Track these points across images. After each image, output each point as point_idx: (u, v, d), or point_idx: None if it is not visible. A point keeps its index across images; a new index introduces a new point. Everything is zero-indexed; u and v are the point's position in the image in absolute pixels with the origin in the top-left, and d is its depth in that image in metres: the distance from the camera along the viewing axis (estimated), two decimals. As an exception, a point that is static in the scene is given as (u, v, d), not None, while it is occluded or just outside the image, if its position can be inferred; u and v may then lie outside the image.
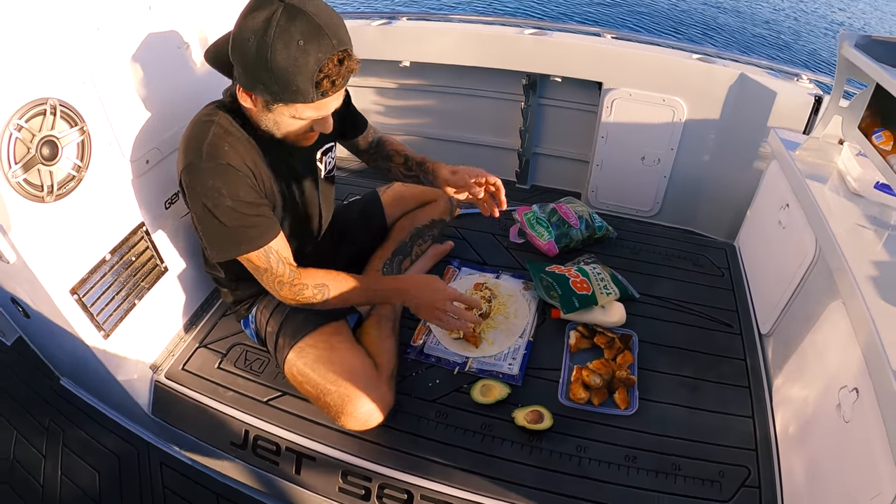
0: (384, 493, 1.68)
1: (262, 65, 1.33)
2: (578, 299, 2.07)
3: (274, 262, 1.61)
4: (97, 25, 1.53)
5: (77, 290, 1.61)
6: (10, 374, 2.35)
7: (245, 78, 1.41)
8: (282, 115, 1.48)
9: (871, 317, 1.42)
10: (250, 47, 1.32)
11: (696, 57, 2.75)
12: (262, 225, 1.58)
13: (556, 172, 3.32)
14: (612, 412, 1.82)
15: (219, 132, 1.53)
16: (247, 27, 1.32)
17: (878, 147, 1.79)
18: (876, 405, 1.30)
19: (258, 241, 1.57)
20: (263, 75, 1.35)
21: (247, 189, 1.54)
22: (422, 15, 3.20)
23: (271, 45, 1.30)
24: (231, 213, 1.51)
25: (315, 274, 1.68)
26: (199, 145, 1.50)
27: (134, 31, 1.66)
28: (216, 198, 1.49)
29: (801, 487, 1.58)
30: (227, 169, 1.51)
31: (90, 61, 1.53)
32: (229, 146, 1.53)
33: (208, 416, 1.86)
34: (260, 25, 1.30)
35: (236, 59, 1.39)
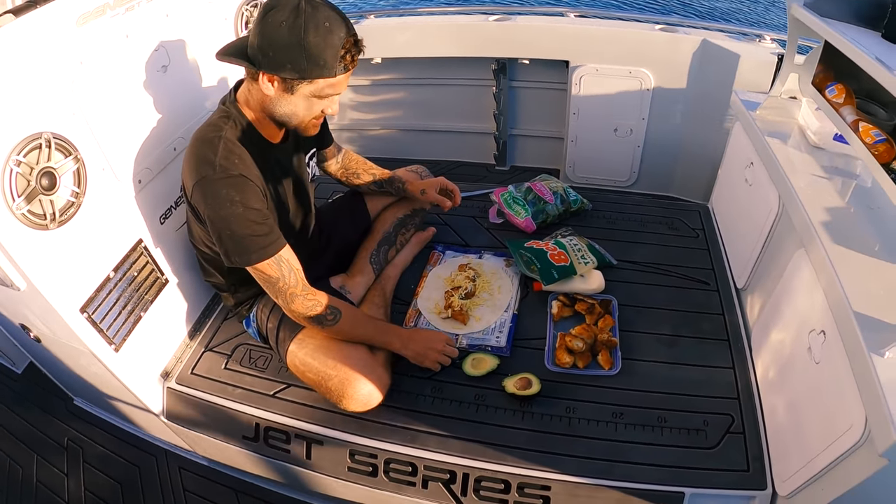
0: (390, 467, 1.77)
1: (294, 44, 1.47)
2: (557, 271, 2.17)
3: (286, 271, 1.69)
4: (80, 59, 1.61)
5: (86, 309, 1.67)
6: (25, 400, 2.43)
7: (273, 61, 1.52)
8: (301, 96, 1.59)
9: (830, 260, 1.51)
10: (282, 31, 1.46)
11: (659, 27, 2.81)
12: (272, 234, 1.66)
13: (533, 152, 3.39)
14: (596, 373, 1.92)
15: (228, 146, 1.62)
16: (276, 18, 1.46)
17: (831, 101, 1.86)
18: (841, 344, 1.39)
19: (270, 249, 1.65)
20: (295, 54, 1.48)
21: (257, 199, 1.63)
22: (389, 11, 3.24)
23: (304, 26, 1.45)
24: (244, 221, 1.60)
25: (331, 298, 1.78)
26: (211, 160, 1.59)
27: (115, 60, 1.73)
28: (229, 207, 1.58)
29: (783, 428, 1.67)
30: (238, 179, 1.60)
31: (77, 93, 1.61)
32: (239, 159, 1.62)
33: (220, 415, 1.94)
34: (289, 14, 1.45)
35: (263, 46, 1.51)
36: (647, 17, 2.94)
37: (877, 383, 1.21)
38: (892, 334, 1.28)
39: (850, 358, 1.34)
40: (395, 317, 2.15)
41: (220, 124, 1.67)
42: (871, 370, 1.23)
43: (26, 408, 2.39)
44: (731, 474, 1.66)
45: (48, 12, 1.51)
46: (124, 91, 1.78)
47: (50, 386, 2.36)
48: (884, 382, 1.20)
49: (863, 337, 1.30)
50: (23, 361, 2.52)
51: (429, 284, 2.28)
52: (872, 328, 1.31)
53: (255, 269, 1.68)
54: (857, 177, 1.88)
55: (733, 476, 1.66)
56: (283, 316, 1.91)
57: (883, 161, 1.55)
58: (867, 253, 1.55)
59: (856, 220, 1.69)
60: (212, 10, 2.13)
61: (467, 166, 3.51)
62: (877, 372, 1.22)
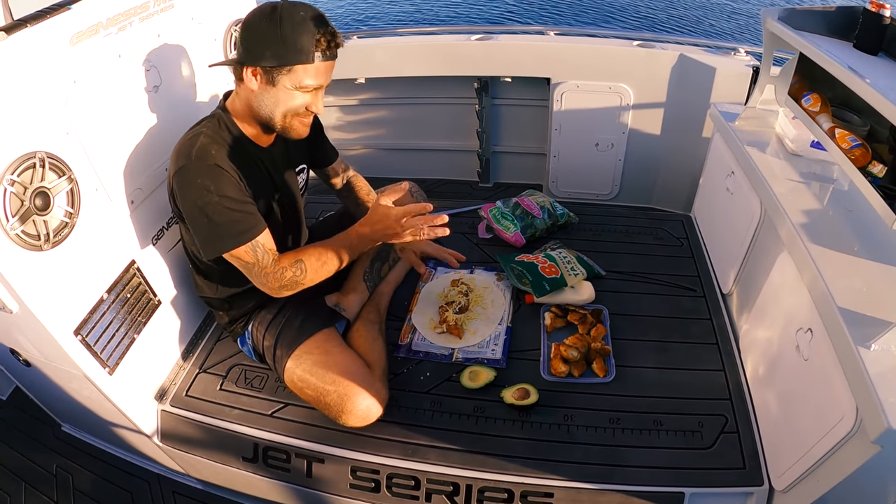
0: (392, 482, 1.78)
1: (272, 33, 1.54)
2: (549, 283, 2.21)
3: (260, 254, 1.70)
4: (73, 78, 1.62)
5: (80, 331, 1.67)
6: (10, 427, 2.39)
7: (253, 53, 1.59)
8: (283, 89, 1.63)
9: (813, 260, 1.56)
10: (261, 24, 1.56)
11: (637, 44, 2.87)
12: (248, 220, 1.67)
13: (516, 168, 3.42)
14: (592, 381, 1.95)
15: (205, 140, 1.65)
16: (255, 16, 1.58)
17: (807, 109, 1.92)
18: (828, 340, 1.43)
19: (245, 235, 1.66)
20: (273, 41, 1.55)
21: (233, 187, 1.65)
22: (371, 32, 3.26)
23: (280, 18, 1.54)
24: (219, 208, 1.61)
25: (287, 255, 1.76)
26: (188, 150, 1.63)
27: (108, 79, 1.75)
28: (205, 195, 1.60)
29: (776, 425, 1.72)
30: (213, 168, 1.62)
31: (71, 113, 1.61)
32: (216, 150, 1.65)
33: (217, 436, 1.94)
34: (269, 10, 1.55)
35: (244, 40, 1.61)
36: (626, 34, 3.01)
37: (865, 375, 1.25)
38: (877, 328, 1.32)
39: (837, 352, 1.39)
40: (390, 333, 2.16)
41: (205, 123, 1.73)
42: (859, 363, 1.28)
43: (12, 435, 2.36)
44: (729, 472, 1.70)
45: (41, 31, 1.51)
46: (117, 110, 1.80)
47: (37, 412, 2.32)
48: (872, 373, 1.25)
49: (849, 331, 1.34)
50: (8, 387, 2.49)
51: (422, 300, 2.31)
52: (857, 323, 1.36)
53: (232, 255, 1.68)
54: (835, 181, 1.94)
55: (731, 474, 1.69)
56: (279, 333, 1.92)
57: (859, 165, 1.60)
58: (848, 252, 1.61)
59: (835, 222, 1.74)
60: (202, 31, 2.16)
61: (451, 184, 3.53)
62: (865, 364, 1.27)
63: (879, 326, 1.32)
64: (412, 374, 2.03)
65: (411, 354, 2.09)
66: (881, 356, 1.29)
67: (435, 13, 12.33)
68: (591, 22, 11.30)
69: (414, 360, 2.07)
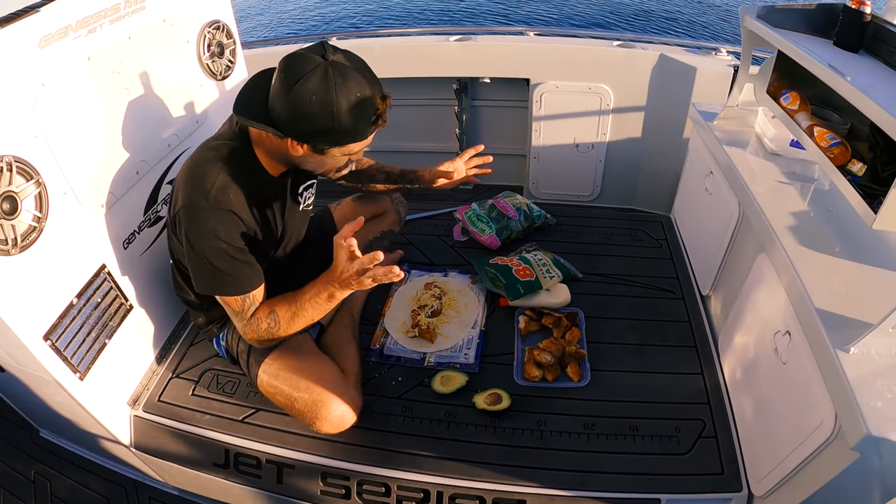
0: (363, 489, 1.76)
1: (328, 120, 1.44)
2: (523, 286, 2.19)
3: (247, 306, 1.69)
4: (42, 81, 1.59)
5: (50, 336, 1.64)
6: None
7: (305, 134, 1.50)
8: (332, 157, 1.59)
9: (791, 261, 1.54)
10: (313, 107, 1.42)
11: (617, 44, 2.84)
12: (249, 273, 1.65)
13: (496, 169, 3.29)
14: (566, 385, 1.93)
15: (225, 179, 1.59)
16: (304, 90, 1.41)
17: (786, 108, 1.90)
18: (806, 343, 1.42)
19: (243, 286, 1.65)
20: (328, 128, 1.46)
21: (241, 236, 1.62)
22: (350, 33, 3.25)
23: (336, 101, 1.42)
24: (224, 256, 1.59)
25: (264, 306, 1.73)
26: (205, 185, 1.56)
27: (77, 82, 1.72)
28: (212, 240, 1.57)
29: (754, 430, 1.70)
30: (228, 215, 1.58)
31: (39, 116, 1.58)
32: (234, 193, 1.60)
33: (189, 442, 1.91)
34: (318, 85, 1.41)
35: (293, 118, 1.47)
36: (606, 34, 2.98)
37: (844, 379, 1.23)
38: (856, 330, 1.30)
39: (816, 356, 1.37)
40: (362, 337, 2.14)
41: (226, 154, 1.63)
42: (837, 367, 1.26)
43: (-9, 441, 2.33)
44: (706, 478, 1.68)
45: (9, 34, 1.49)
46: (87, 114, 1.77)
47: (14, 417, 2.30)
48: (851, 378, 1.22)
49: (827, 335, 1.32)
50: None
51: (395, 304, 2.29)
52: (836, 325, 1.34)
53: (223, 299, 1.68)
54: (815, 180, 1.92)
55: (708, 480, 1.67)
56: None
57: (838, 163, 1.58)
58: (827, 252, 1.59)
59: (814, 222, 1.72)
60: (174, 33, 2.12)
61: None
62: (843, 368, 1.25)
63: (859, 329, 1.30)
64: (384, 378, 2.01)
65: (383, 359, 2.07)
66: (860, 360, 1.27)
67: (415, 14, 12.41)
68: (571, 22, 11.33)
69: (386, 365, 2.05)
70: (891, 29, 1.64)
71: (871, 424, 1.14)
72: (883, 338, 1.27)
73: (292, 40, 3.25)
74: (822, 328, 1.34)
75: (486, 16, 12.03)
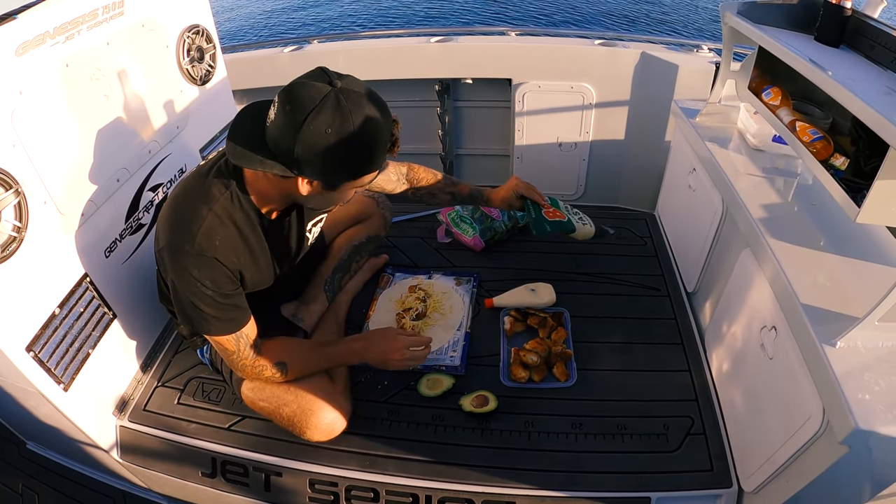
0: (351, 494, 1.75)
1: (346, 152, 1.35)
2: (550, 224, 2.07)
3: (242, 345, 1.66)
4: (19, 89, 1.57)
5: (32, 348, 1.62)
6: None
7: (322, 170, 1.39)
8: (343, 192, 1.51)
9: (776, 256, 1.55)
10: (329, 140, 1.32)
11: (598, 42, 2.84)
12: (235, 313, 1.62)
13: (480, 170, 3.40)
14: (553, 386, 1.93)
15: (214, 222, 1.51)
16: (318, 125, 1.31)
17: (768, 103, 1.90)
18: (793, 338, 1.42)
19: (230, 325, 1.62)
20: (346, 160, 1.38)
21: (226, 282, 1.57)
22: (331, 36, 3.23)
23: (354, 132, 1.33)
24: (209, 300, 1.55)
25: (272, 351, 1.72)
26: (190, 230, 1.49)
27: (55, 89, 1.70)
28: (197, 286, 1.52)
29: (743, 426, 1.70)
30: (213, 263, 1.52)
31: (17, 125, 1.56)
32: (220, 240, 1.52)
33: (176, 451, 1.90)
34: (332, 117, 1.31)
35: (307, 155, 1.35)
36: (587, 33, 2.98)
37: (831, 374, 1.23)
38: (842, 324, 1.30)
39: (802, 351, 1.37)
40: (348, 342, 2.11)
41: (216, 194, 1.54)
42: (824, 361, 1.26)
43: (-23, 454, 2.30)
44: (696, 475, 1.68)
45: None
46: (65, 121, 1.75)
47: (1, 430, 2.27)
48: (838, 372, 1.23)
49: (813, 329, 1.33)
50: None
51: (380, 307, 2.28)
52: (822, 320, 1.35)
53: (214, 339, 1.66)
54: (798, 175, 1.93)
55: (698, 476, 1.67)
56: None
57: (821, 158, 1.58)
58: (811, 247, 1.60)
59: (798, 217, 1.73)
60: (153, 38, 2.11)
61: None
62: (830, 362, 1.25)
63: (845, 322, 1.31)
64: (370, 383, 1.99)
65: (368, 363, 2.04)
66: (847, 354, 1.27)
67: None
68: (553, 21, 11.36)
69: (371, 369, 2.02)
70: (871, 23, 1.65)
71: (859, 418, 1.15)
72: (869, 331, 1.28)
73: (273, 44, 3.22)
74: (808, 323, 1.35)
75: (468, 15, 12.06)
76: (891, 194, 1.32)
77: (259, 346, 1.72)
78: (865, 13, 1.70)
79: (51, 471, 2.19)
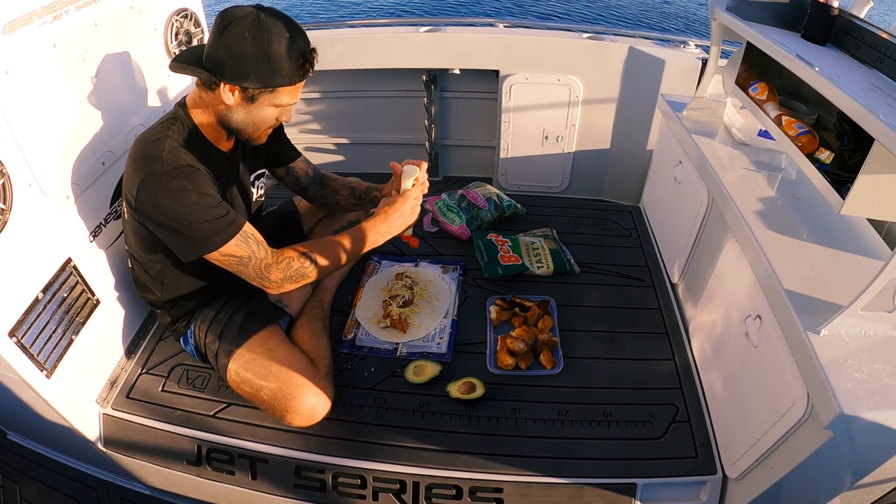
0: (338, 481, 1.75)
1: (259, 54, 1.51)
2: (503, 269, 2.25)
3: (254, 245, 1.65)
4: (5, 69, 1.55)
5: (15, 333, 1.60)
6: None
7: (237, 72, 1.54)
8: (261, 105, 1.62)
9: (760, 246, 1.57)
10: (245, 42, 1.50)
11: (587, 36, 2.85)
12: (231, 214, 1.62)
13: (466, 161, 3.40)
14: (539, 373, 1.94)
15: (174, 143, 1.59)
16: (237, 30, 1.49)
17: (754, 98, 1.93)
18: (777, 327, 1.44)
19: (232, 227, 1.60)
20: (259, 63, 1.52)
21: (208, 185, 1.59)
22: (319, 24, 3.21)
23: (267, 38, 1.50)
24: (199, 208, 1.55)
25: (293, 247, 1.73)
26: (156, 154, 1.55)
27: (42, 69, 1.68)
28: (183, 196, 1.52)
29: (727, 413, 1.73)
30: (188, 168, 1.55)
31: (2, 105, 1.54)
32: (185, 154, 1.59)
33: (160, 439, 1.89)
34: (251, 25, 1.49)
35: (226, 57, 1.52)
36: (575, 27, 2.99)
37: (815, 360, 1.25)
38: (826, 313, 1.33)
39: (787, 339, 1.39)
40: (333, 329, 2.13)
41: (167, 125, 1.64)
42: (809, 349, 1.28)
43: (-43, 444, 2.27)
44: (681, 462, 1.70)
45: None
46: (52, 102, 1.73)
47: None
48: (822, 359, 1.25)
49: (798, 318, 1.35)
50: None
51: (366, 295, 2.28)
52: (806, 308, 1.37)
53: (223, 252, 1.62)
54: (783, 169, 1.96)
55: (683, 463, 1.70)
56: (221, 332, 1.87)
57: (807, 152, 1.60)
58: (796, 237, 1.62)
59: (783, 209, 1.76)
60: (142, 20, 2.09)
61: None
62: (814, 349, 1.27)
63: (829, 311, 1.33)
64: (356, 369, 2.00)
65: (355, 350, 2.06)
66: (831, 341, 1.30)
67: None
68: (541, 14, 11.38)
69: (358, 356, 2.04)
70: (857, 23, 1.68)
71: (843, 403, 1.17)
72: (852, 319, 1.30)
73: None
74: (793, 311, 1.37)
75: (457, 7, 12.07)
76: (874, 187, 1.35)
77: (273, 249, 1.72)
78: (852, 13, 1.73)
79: (32, 461, 2.17)
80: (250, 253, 1.64)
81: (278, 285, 1.71)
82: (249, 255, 1.64)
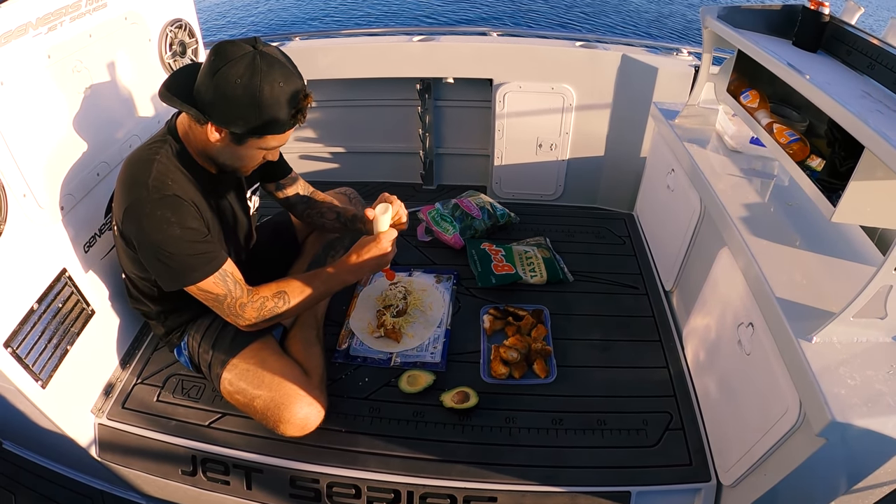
0: (333, 491, 1.75)
1: (248, 102, 1.47)
2: (497, 277, 2.26)
3: (231, 284, 1.65)
4: (0, 80, 1.56)
5: (10, 343, 1.60)
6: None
7: (225, 116, 1.51)
8: (248, 148, 1.60)
9: (752, 254, 1.58)
10: (237, 89, 1.45)
11: (579, 44, 2.86)
12: (212, 251, 1.62)
13: (460, 170, 3.40)
14: (533, 382, 1.95)
15: (161, 169, 1.58)
16: (230, 73, 1.45)
17: (746, 106, 1.93)
18: (769, 334, 1.45)
19: (212, 265, 1.61)
20: (248, 111, 1.48)
21: (192, 218, 1.59)
22: (313, 33, 3.21)
23: (259, 86, 1.45)
24: (181, 242, 1.55)
25: (268, 286, 1.72)
26: (143, 181, 1.54)
27: (37, 81, 1.69)
28: (166, 228, 1.53)
29: (721, 421, 1.73)
30: (173, 199, 1.55)
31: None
32: (172, 181, 1.58)
33: (156, 449, 1.88)
34: (245, 70, 1.44)
35: (216, 99, 1.49)
36: (568, 35, 3.00)
37: (807, 368, 1.26)
38: (818, 320, 1.33)
39: (779, 346, 1.40)
40: (327, 339, 2.13)
41: (156, 147, 1.63)
42: (801, 356, 1.29)
43: (-48, 454, 2.26)
44: (675, 469, 1.70)
45: None
46: (46, 113, 1.73)
47: None
48: (814, 366, 1.26)
49: (790, 325, 1.36)
50: None
51: (360, 305, 2.29)
52: (798, 316, 1.37)
53: (200, 288, 1.63)
54: (775, 176, 1.97)
55: (677, 471, 1.70)
56: (215, 342, 1.87)
57: (798, 159, 1.61)
58: (787, 245, 1.63)
59: (775, 216, 1.76)
60: (136, 31, 2.10)
61: (394, 186, 3.43)
62: (806, 357, 1.28)
63: (821, 318, 1.33)
64: (350, 379, 2.00)
65: (349, 360, 2.07)
66: (823, 349, 1.30)
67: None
68: (535, 23, 11.41)
69: (352, 366, 2.04)
70: (848, 30, 1.69)
71: (835, 411, 1.17)
72: (844, 327, 1.31)
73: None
74: (785, 319, 1.37)
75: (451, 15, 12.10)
76: (865, 194, 1.35)
77: (249, 288, 1.71)
78: (843, 19, 1.74)
79: (27, 470, 2.16)
80: (226, 291, 1.65)
81: (251, 325, 1.72)
82: (226, 293, 1.65)
